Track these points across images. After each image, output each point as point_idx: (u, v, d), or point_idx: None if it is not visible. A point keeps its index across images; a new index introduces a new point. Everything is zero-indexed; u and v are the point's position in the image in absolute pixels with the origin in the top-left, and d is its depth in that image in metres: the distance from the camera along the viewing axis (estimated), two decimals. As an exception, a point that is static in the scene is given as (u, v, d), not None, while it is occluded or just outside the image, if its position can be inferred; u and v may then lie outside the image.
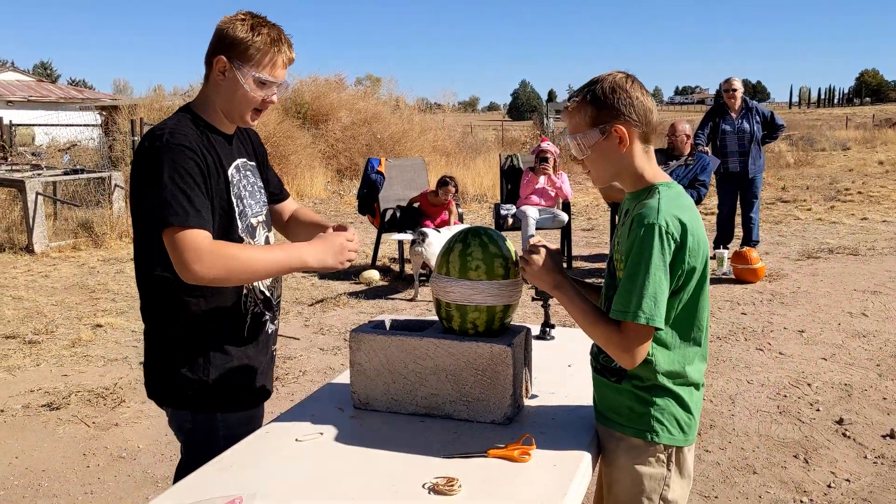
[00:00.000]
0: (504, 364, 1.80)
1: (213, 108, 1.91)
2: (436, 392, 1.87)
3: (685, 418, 1.70)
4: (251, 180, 2.01)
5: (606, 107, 1.64)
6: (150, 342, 1.94)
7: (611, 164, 1.68)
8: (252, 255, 1.78)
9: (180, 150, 1.76)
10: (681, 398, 1.68)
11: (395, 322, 2.07)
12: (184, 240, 1.70)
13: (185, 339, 1.87)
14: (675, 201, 1.63)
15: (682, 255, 1.58)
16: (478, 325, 1.87)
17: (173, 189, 1.72)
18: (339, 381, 2.18)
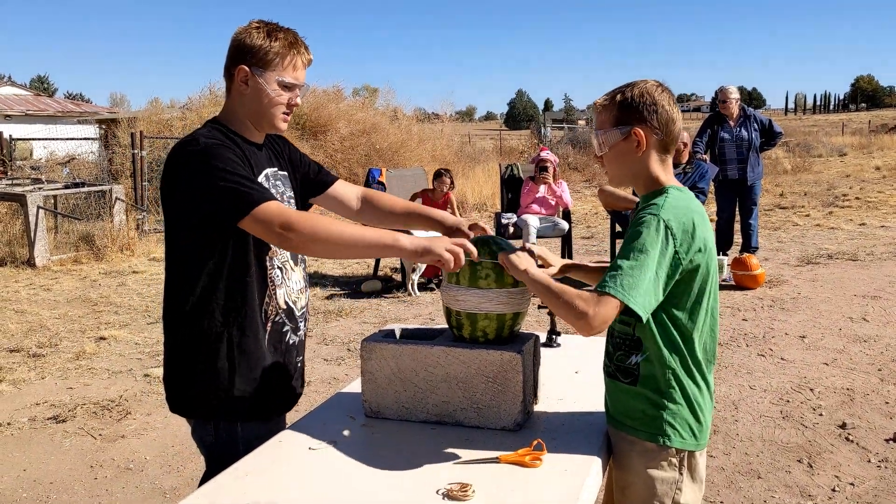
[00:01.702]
0: (514, 371, 1.83)
1: (240, 119, 1.93)
2: (446, 399, 1.89)
3: (697, 423, 1.72)
4: (280, 190, 2.03)
5: (631, 109, 1.69)
6: (171, 353, 1.94)
7: (626, 165, 1.73)
8: (341, 229, 1.75)
9: (221, 148, 1.79)
10: (693, 402, 1.70)
11: (406, 331, 2.09)
12: (271, 213, 1.72)
13: (207, 349, 1.88)
14: (682, 202, 1.66)
15: (681, 251, 1.59)
16: (488, 333, 1.89)
17: (232, 178, 1.74)
18: (349, 391, 2.20)
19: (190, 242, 1.84)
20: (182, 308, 1.89)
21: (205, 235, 1.82)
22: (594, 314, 1.55)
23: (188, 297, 1.87)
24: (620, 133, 1.69)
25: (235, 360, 1.89)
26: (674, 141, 1.72)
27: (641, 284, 1.55)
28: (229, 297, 1.87)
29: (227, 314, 1.87)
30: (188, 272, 1.86)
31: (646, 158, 1.70)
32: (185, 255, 1.86)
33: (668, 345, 1.67)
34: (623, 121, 1.69)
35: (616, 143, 1.71)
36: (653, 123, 1.68)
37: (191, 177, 1.77)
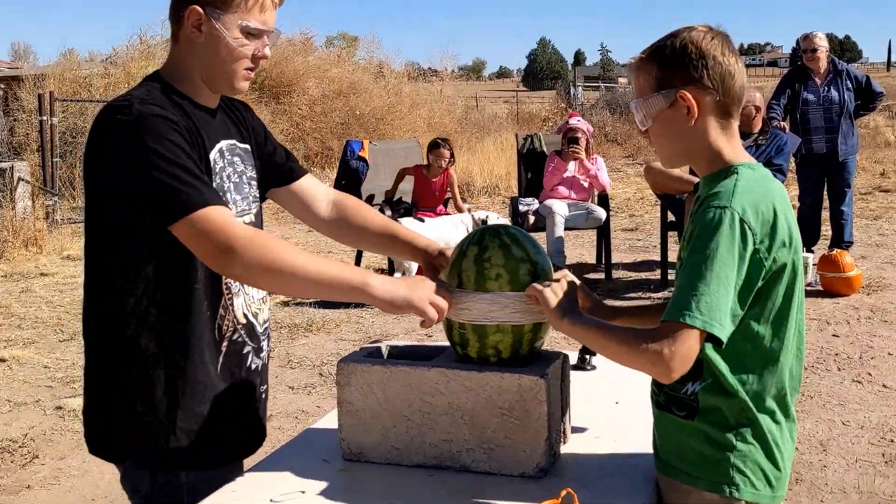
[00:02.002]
0: (536, 400, 1.83)
1: (190, 76, 1.93)
2: (449, 438, 1.89)
3: (774, 468, 1.72)
4: (239, 168, 2.03)
5: (673, 66, 1.69)
6: (94, 379, 1.94)
7: (678, 139, 1.73)
8: (298, 259, 1.77)
9: (159, 122, 1.78)
10: (768, 441, 1.70)
11: (395, 349, 2.09)
12: (207, 224, 1.73)
13: (142, 375, 1.88)
14: (757, 185, 1.66)
15: (763, 249, 1.60)
16: (501, 351, 1.90)
17: (170, 168, 1.74)
18: (322, 426, 2.20)
19: (117, 237, 1.84)
20: (107, 322, 1.89)
21: (137, 228, 1.82)
22: (672, 355, 1.56)
23: (116, 308, 1.87)
24: (664, 98, 1.70)
25: (178, 391, 1.89)
26: (736, 100, 1.72)
27: (723, 303, 1.56)
28: (170, 309, 1.87)
29: (168, 331, 1.87)
30: (115, 275, 1.87)
31: (702, 128, 1.70)
32: (111, 253, 1.86)
33: (740, 368, 1.68)
34: (665, 82, 1.69)
35: (661, 113, 1.71)
36: (703, 82, 1.68)
37: (116, 155, 1.77)
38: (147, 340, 1.86)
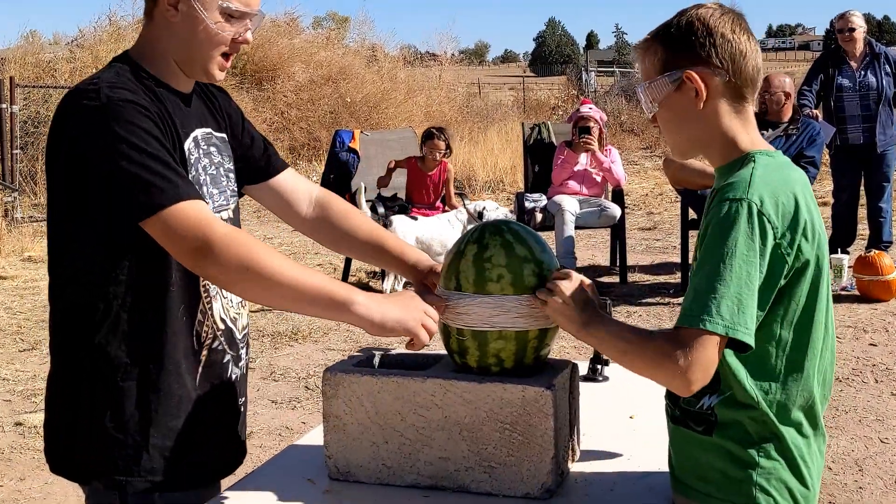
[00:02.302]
0: (542, 414, 1.83)
1: (163, 58, 1.93)
2: (446, 455, 1.89)
3: (800, 486, 1.72)
4: (216, 159, 2.04)
5: (678, 46, 1.70)
6: (57, 390, 1.94)
7: (687, 125, 1.74)
8: (280, 265, 1.76)
9: (129, 107, 1.78)
10: (794, 456, 1.70)
11: (388, 357, 2.09)
12: (184, 220, 1.72)
13: (112, 386, 1.87)
14: (776, 173, 1.66)
15: (785, 244, 1.60)
16: (503, 360, 1.90)
17: (141, 157, 1.74)
18: (306, 443, 2.20)
19: (82, 234, 1.84)
20: (72, 328, 1.89)
21: (104, 224, 1.82)
22: (689, 365, 1.56)
23: (82, 313, 1.87)
24: (670, 81, 1.70)
25: (151, 404, 1.89)
26: (749, 82, 1.72)
27: (747, 305, 1.56)
28: (142, 313, 1.87)
29: (140, 337, 1.87)
30: (81, 276, 1.87)
31: (712, 113, 1.71)
32: (76, 252, 1.86)
33: (761, 376, 1.67)
34: (671, 63, 1.70)
35: (667, 97, 1.72)
36: (712, 62, 1.68)
37: (81, 144, 1.77)
38: (117, 348, 1.86)
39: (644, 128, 19.40)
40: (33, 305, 7.53)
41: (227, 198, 2.05)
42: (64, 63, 15.64)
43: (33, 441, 4.71)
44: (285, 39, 19.02)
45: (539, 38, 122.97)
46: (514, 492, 1.86)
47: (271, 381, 5.58)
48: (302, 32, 20.93)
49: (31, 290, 8.13)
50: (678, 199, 8.47)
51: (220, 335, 1.99)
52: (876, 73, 7.67)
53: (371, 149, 8.31)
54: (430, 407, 1.89)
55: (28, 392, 5.46)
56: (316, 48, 19.69)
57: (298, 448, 2.19)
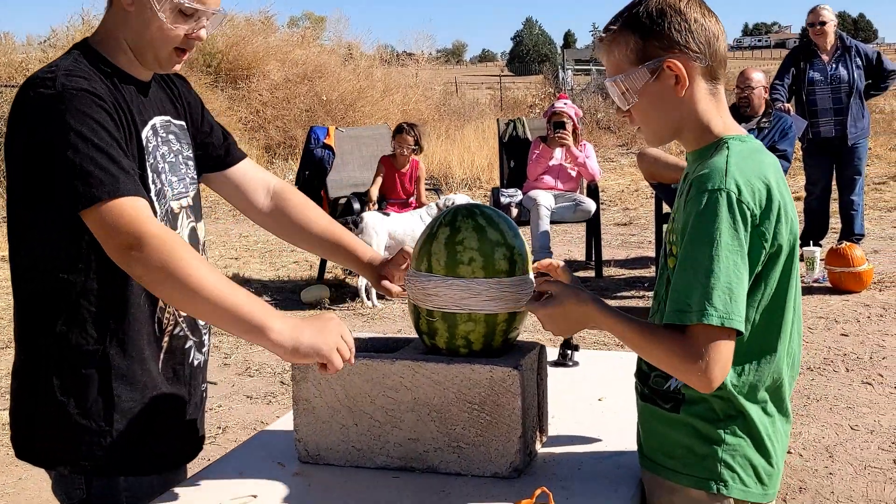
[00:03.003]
0: (510, 394, 1.85)
1: (120, 45, 1.94)
2: (415, 436, 1.91)
3: (765, 464, 1.74)
4: (174, 147, 2.04)
5: (654, 35, 1.69)
6: (23, 377, 1.95)
7: (667, 114, 1.74)
8: (208, 271, 1.74)
9: (84, 97, 1.78)
10: (759, 434, 1.72)
11: (358, 341, 2.10)
12: (119, 217, 1.72)
13: (75, 373, 1.89)
14: (750, 159, 1.68)
15: (761, 230, 1.62)
16: (472, 342, 1.92)
17: (87, 149, 1.74)
18: (277, 428, 2.22)
19: (41, 224, 1.85)
20: (35, 317, 1.90)
21: (61, 213, 1.82)
22: (707, 365, 1.58)
23: (44, 302, 1.88)
24: (649, 71, 1.70)
25: (114, 390, 1.90)
26: (722, 63, 1.74)
27: (737, 294, 1.58)
28: (104, 301, 1.88)
29: (102, 325, 1.88)
30: (42, 265, 1.87)
31: (691, 97, 1.72)
32: (36, 242, 1.86)
33: (735, 359, 1.68)
34: (648, 53, 1.70)
35: (645, 87, 1.71)
36: (689, 47, 1.69)
37: (33, 133, 1.78)
38: (79, 336, 1.87)
39: (620, 125, 19.47)
40: (7, 304, 7.47)
41: (186, 185, 2.06)
42: (37, 63, 15.51)
43: (4, 437, 4.68)
44: (260, 38, 18.95)
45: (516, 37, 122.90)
46: (482, 471, 1.88)
47: (247, 376, 5.57)
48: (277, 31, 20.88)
49: (4, 289, 8.07)
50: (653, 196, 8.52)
51: (182, 321, 2.01)
52: (847, 66, 7.73)
53: (346, 145, 8.30)
54: (399, 389, 1.91)
55: (2, 389, 5.43)
56: (291, 47, 19.63)
57: (269, 433, 2.21)
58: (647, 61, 1.70)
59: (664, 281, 1.77)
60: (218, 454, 4.28)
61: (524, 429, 1.87)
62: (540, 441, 2.01)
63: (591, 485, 1.85)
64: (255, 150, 16.12)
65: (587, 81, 27.61)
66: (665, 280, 1.75)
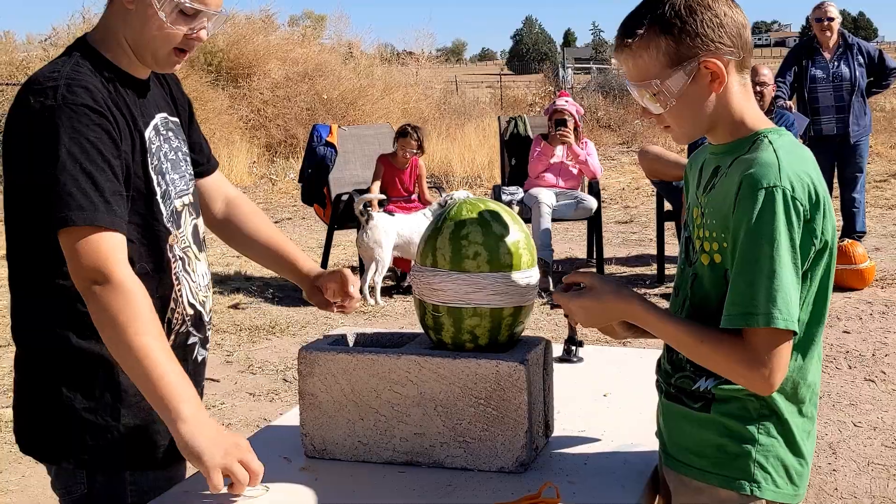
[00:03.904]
0: (516, 389, 1.85)
1: (120, 45, 1.93)
2: (421, 431, 1.91)
3: (796, 464, 1.72)
4: (174, 144, 2.04)
5: (688, 35, 1.64)
6: (25, 372, 1.95)
7: (702, 112, 1.69)
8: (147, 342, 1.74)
9: (82, 113, 1.78)
10: (793, 434, 1.71)
11: (362, 336, 2.11)
12: (87, 245, 1.73)
13: (83, 368, 1.89)
14: (794, 153, 1.64)
15: (812, 226, 1.60)
16: (478, 336, 1.92)
17: (74, 170, 1.74)
18: (282, 423, 2.22)
19: (41, 229, 1.83)
20: (40, 321, 1.90)
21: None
22: (772, 372, 1.58)
23: (48, 307, 1.89)
24: (685, 73, 1.65)
25: (121, 387, 1.90)
26: (751, 52, 1.70)
27: (794, 295, 1.57)
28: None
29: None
30: (39, 270, 1.87)
31: (727, 93, 1.68)
32: (38, 246, 1.86)
33: None
34: (682, 55, 1.65)
35: (682, 90, 1.67)
36: (723, 42, 1.64)
37: (27, 142, 1.78)
38: (80, 337, 1.87)
39: (621, 123, 19.48)
40: (7, 303, 7.47)
41: (186, 182, 2.06)
42: (38, 62, 15.51)
43: (9, 435, 4.68)
44: (261, 37, 18.94)
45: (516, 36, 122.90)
46: (488, 466, 1.88)
47: (249, 374, 5.57)
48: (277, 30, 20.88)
49: (2, 287, 8.06)
50: (654, 194, 8.51)
51: (188, 319, 2.02)
52: (849, 63, 7.73)
53: (348, 143, 8.30)
54: (405, 383, 1.90)
55: (3, 387, 5.43)
56: (292, 45, 19.62)
57: (274, 428, 2.21)
58: (681, 62, 1.64)
59: (687, 277, 1.75)
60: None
61: (530, 423, 1.87)
62: (545, 435, 2.01)
63: (598, 480, 1.85)
64: (256, 149, 16.12)
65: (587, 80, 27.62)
66: (690, 276, 1.74)
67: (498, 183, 9.01)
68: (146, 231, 1.91)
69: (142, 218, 1.89)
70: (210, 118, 15.46)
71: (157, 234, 1.93)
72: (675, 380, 1.77)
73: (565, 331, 2.43)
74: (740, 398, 1.68)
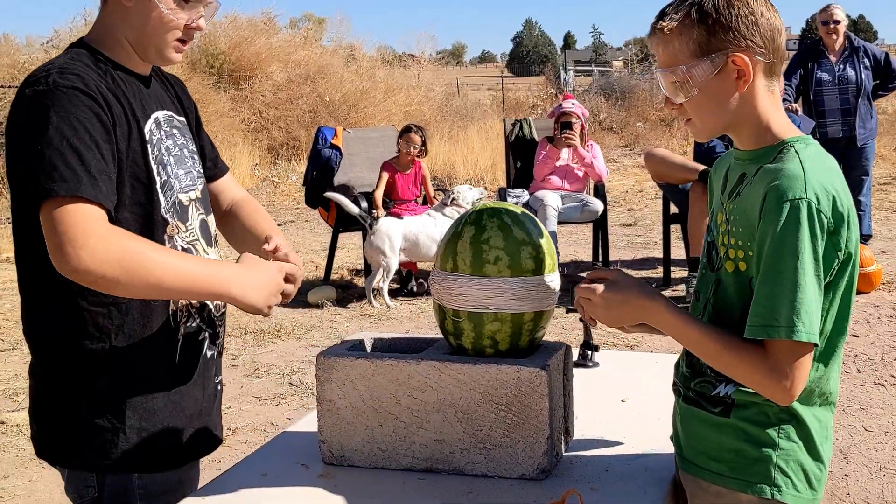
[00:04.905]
0: (537, 395, 1.84)
1: (118, 41, 1.94)
2: (441, 437, 1.90)
3: (815, 468, 1.71)
4: (179, 141, 2.04)
5: (721, 28, 1.64)
6: (38, 376, 1.95)
7: (723, 109, 1.69)
8: (161, 259, 1.77)
9: (73, 95, 1.79)
10: (813, 438, 1.70)
11: (380, 342, 2.10)
12: (68, 215, 1.70)
13: (89, 370, 1.89)
14: (820, 164, 1.64)
15: (836, 239, 1.60)
16: (498, 342, 1.90)
17: (61, 146, 1.74)
18: (299, 429, 2.20)
19: (38, 224, 1.81)
20: (41, 318, 1.91)
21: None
22: (793, 383, 1.58)
23: (47, 303, 1.89)
24: (712, 65, 1.66)
25: (127, 387, 1.91)
26: (782, 59, 1.70)
27: (816, 308, 1.57)
28: (104, 299, 1.87)
29: (105, 323, 1.88)
30: (42, 267, 1.86)
31: (752, 94, 1.68)
32: (37, 243, 1.83)
33: None
34: (711, 46, 1.65)
35: (705, 81, 1.67)
36: (755, 41, 1.65)
37: (24, 129, 1.78)
38: (83, 335, 1.87)
39: (623, 126, 19.48)
40: (13, 306, 7.46)
41: (193, 178, 2.06)
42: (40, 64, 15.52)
43: (16, 439, 4.67)
44: (262, 39, 18.95)
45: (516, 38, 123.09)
46: (509, 473, 1.87)
47: (255, 377, 5.56)
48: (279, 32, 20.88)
49: (10, 290, 8.06)
50: (658, 196, 8.50)
51: (195, 314, 2.01)
52: (855, 66, 7.73)
53: (353, 146, 8.29)
54: (424, 389, 1.89)
55: (10, 391, 5.42)
56: (293, 48, 19.62)
57: (291, 434, 2.19)
58: (710, 54, 1.66)
59: (710, 282, 1.75)
60: (229, 456, 4.28)
61: (551, 430, 1.86)
62: (566, 442, 2.00)
63: (620, 486, 1.84)
64: (259, 151, 16.13)
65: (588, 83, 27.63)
66: (713, 282, 1.73)
67: (502, 185, 9.01)
68: (146, 220, 1.90)
69: (142, 207, 1.89)
70: (212, 121, 15.45)
71: (155, 223, 1.92)
72: (695, 384, 1.76)
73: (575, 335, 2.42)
74: (760, 403, 1.68)
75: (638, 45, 30.73)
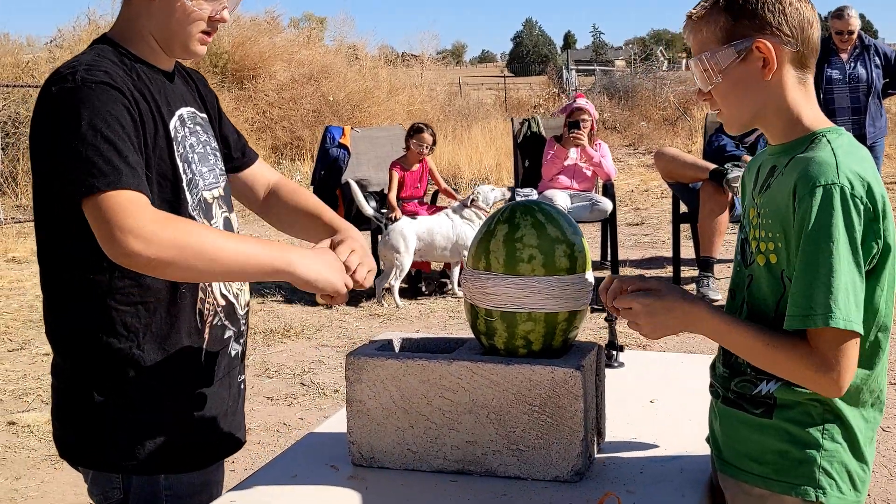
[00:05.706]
0: (571, 396, 1.81)
1: (142, 37, 1.93)
2: (473, 439, 1.87)
3: (859, 470, 1.69)
4: (202, 138, 2.03)
5: (747, 14, 1.65)
6: (62, 375, 1.93)
7: (750, 97, 1.68)
8: (213, 237, 1.77)
9: (102, 90, 1.77)
10: (857, 440, 1.67)
11: (408, 342, 2.07)
12: (115, 203, 1.68)
13: (116, 369, 1.87)
14: (852, 154, 1.62)
15: (875, 226, 1.57)
16: (532, 342, 1.88)
17: (96, 140, 1.72)
18: (327, 430, 2.18)
19: (70, 225, 1.81)
20: (71, 316, 1.88)
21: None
22: (840, 374, 1.55)
23: (73, 303, 1.87)
24: (735, 51, 1.65)
25: (154, 387, 1.89)
26: (814, 52, 1.69)
27: (859, 297, 1.54)
28: (133, 299, 1.86)
29: (133, 323, 1.87)
30: (67, 267, 1.85)
31: (779, 83, 1.67)
32: (70, 236, 1.83)
33: None
34: (738, 32, 1.66)
35: (730, 67, 1.67)
36: (782, 30, 1.64)
37: (51, 127, 1.76)
38: (110, 335, 1.86)
39: (627, 125, 19.49)
40: (20, 306, 7.45)
41: (216, 176, 2.04)
42: (44, 63, 15.51)
43: (27, 440, 4.65)
44: (266, 38, 18.96)
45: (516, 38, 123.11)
46: (543, 475, 1.84)
47: (265, 377, 5.55)
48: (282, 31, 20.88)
49: (17, 290, 8.06)
50: (664, 195, 8.48)
51: (220, 311, 1.99)
52: (866, 65, 7.71)
53: (361, 145, 8.28)
54: (456, 390, 1.87)
55: (20, 391, 5.40)
56: (296, 48, 19.63)
57: (319, 435, 2.16)
58: (735, 41, 1.66)
59: (744, 278, 1.73)
60: (242, 456, 4.25)
61: (586, 431, 1.83)
62: (599, 444, 1.97)
63: (656, 489, 1.81)
64: (262, 151, 16.13)
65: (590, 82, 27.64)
66: (747, 278, 1.71)
67: (508, 184, 9.00)
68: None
69: (169, 205, 1.87)
70: (216, 120, 15.47)
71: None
72: (735, 384, 1.74)
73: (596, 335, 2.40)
74: (803, 402, 1.66)
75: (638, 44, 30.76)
